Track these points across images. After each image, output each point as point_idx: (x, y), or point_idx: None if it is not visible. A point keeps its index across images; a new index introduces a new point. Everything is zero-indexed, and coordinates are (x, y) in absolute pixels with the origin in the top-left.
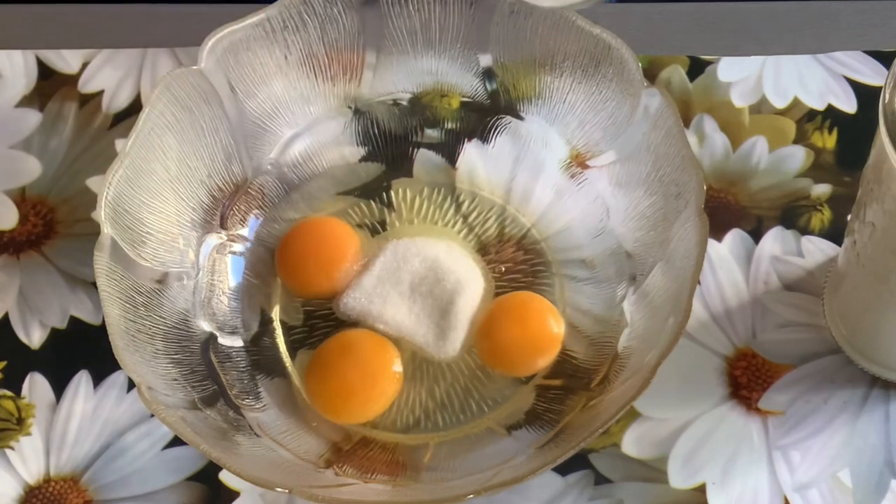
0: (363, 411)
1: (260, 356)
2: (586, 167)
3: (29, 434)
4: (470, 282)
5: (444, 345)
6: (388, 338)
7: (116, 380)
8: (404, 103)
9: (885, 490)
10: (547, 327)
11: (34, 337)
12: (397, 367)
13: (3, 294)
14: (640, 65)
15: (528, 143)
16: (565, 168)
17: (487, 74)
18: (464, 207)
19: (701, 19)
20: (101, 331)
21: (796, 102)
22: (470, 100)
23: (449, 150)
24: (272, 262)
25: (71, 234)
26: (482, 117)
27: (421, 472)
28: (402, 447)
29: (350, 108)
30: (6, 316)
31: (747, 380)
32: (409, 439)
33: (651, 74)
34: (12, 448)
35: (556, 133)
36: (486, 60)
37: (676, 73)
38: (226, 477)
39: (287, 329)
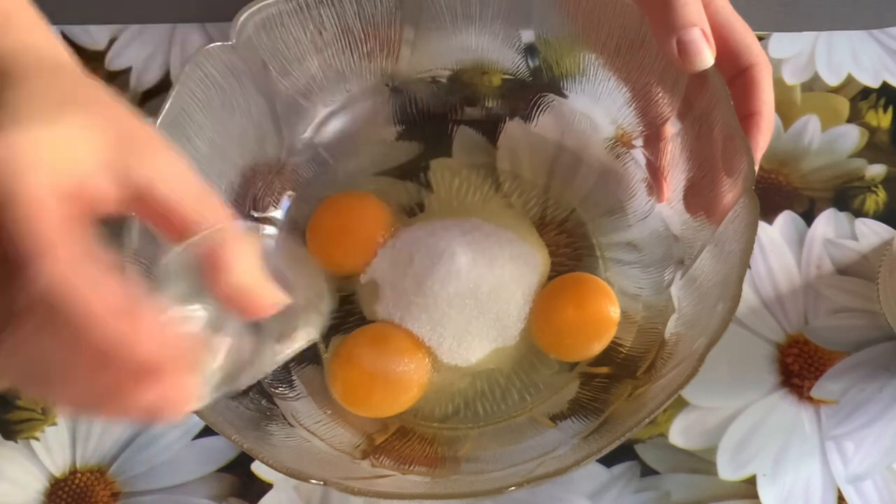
0: (383, 407)
1: None
2: (632, 147)
3: (55, 424)
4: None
5: (460, 353)
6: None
7: None
8: (443, 81)
9: None
10: (605, 310)
11: None
12: (422, 368)
13: None
14: None
15: (571, 122)
16: (610, 148)
17: (529, 51)
18: (504, 188)
19: None
20: None
21: (850, 80)
22: (511, 77)
23: (489, 129)
24: (306, 244)
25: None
26: (524, 95)
27: (461, 464)
28: (441, 437)
29: (387, 85)
30: None
31: (799, 367)
32: (448, 429)
33: None
34: (38, 439)
35: (600, 112)
36: (528, 36)
37: None
38: (258, 468)
39: None
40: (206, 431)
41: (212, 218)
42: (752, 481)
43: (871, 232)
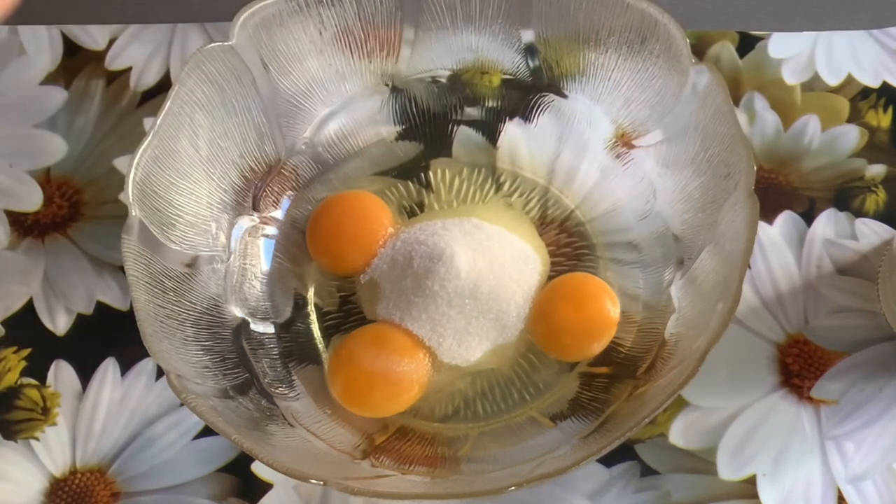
0: (383, 407)
1: (293, 343)
2: (632, 147)
3: (55, 424)
4: (517, 289)
5: (460, 352)
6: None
7: (144, 367)
8: (443, 81)
9: None
10: (605, 310)
11: (60, 323)
12: (422, 368)
13: (28, 279)
14: (687, 41)
15: (571, 122)
16: (610, 148)
17: (529, 50)
18: (505, 188)
19: None
20: (128, 317)
21: (850, 80)
22: (511, 77)
23: (489, 129)
24: (306, 244)
25: (97, 217)
26: (524, 95)
27: (461, 464)
28: (440, 437)
29: (387, 85)
30: (31, 301)
31: (799, 367)
32: (448, 429)
33: (699, 51)
34: (38, 439)
35: (600, 111)
36: (528, 36)
37: (726, 49)
38: (258, 468)
39: (321, 314)
40: (206, 431)
41: None
42: (752, 481)
43: (871, 232)
